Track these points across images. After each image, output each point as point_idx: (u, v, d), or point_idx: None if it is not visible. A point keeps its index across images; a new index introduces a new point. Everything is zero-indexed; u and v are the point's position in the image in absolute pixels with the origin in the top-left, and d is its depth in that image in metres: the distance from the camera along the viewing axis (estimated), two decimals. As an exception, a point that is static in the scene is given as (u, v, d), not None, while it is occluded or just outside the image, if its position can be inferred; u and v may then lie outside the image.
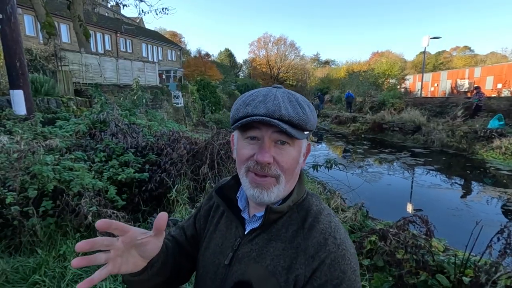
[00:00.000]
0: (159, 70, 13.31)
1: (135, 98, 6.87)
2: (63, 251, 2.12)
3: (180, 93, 12.73)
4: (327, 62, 63.05)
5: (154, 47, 27.84)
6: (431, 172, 7.92)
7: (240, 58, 78.43)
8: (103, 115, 4.27)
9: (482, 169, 8.06)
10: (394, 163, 8.96)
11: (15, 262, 2.42)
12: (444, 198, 5.91)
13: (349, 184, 4.55)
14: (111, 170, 3.17)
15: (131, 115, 5.52)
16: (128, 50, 24.37)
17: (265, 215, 0.64)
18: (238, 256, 0.68)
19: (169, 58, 30.40)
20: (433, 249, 2.03)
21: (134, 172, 3.18)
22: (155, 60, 25.32)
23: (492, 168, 8.05)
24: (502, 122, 10.07)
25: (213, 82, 21.45)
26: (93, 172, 2.98)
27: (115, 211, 2.27)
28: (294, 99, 0.63)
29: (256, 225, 0.68)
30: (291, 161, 0.63)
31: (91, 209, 2.23)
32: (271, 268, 0.61)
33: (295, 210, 0.67)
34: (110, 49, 21.18)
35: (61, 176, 2.57)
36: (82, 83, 8.63)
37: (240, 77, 48.40)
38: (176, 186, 3.08)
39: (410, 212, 5.33)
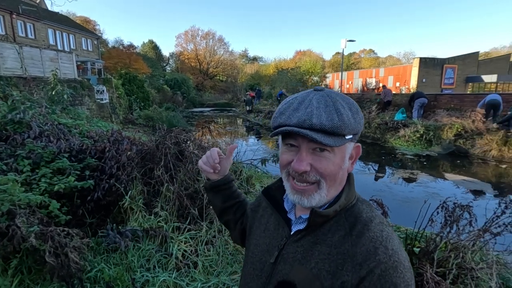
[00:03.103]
0: (76, 61, 11.54)
1: (53, 93, 5.83)
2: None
3: (104, 88, 11.34)
4: (255, 59, 64.97)
5: (65, 34, 23.95)
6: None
7: (166, 51, 74.19)
8: (19, 114, 3.52)
9: (393, 155, 9.55)
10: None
11: None
12: (370, 182, 6.82)
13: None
14: (43, 180, 2.66)
15: (52, 114, 4.72)
16: (30, 36, 20.42)
17: (309, 218, 0.65)
18: (283, 255, 0.69)
19: (84, 48, 26.67)
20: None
21: (74, 180, 2.74)
22: (66, 49, 22.02)
23: (400, 153, 9.62)
24: (404, 115, 12.07)
25: (140, 76, 19.81)
26: (19, 185, 2.45)
27: (66, 229, 1.92)
28: (331, 103, 0.61)
29: (301, 226, 0.70)
30: (331, 167, 0.62)
31: (31, 229, 1.84)
32: (315, 271, 0.62)
33: (342, 215, 0.66)
34: (3, 33, 17.40)
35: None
36: (-27, 74, 6.89)
37: (167, 71, 45.89)
38: (130, 192, 2.78)
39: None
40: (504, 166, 7.89)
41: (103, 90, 11.16)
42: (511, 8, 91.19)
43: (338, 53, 56.95)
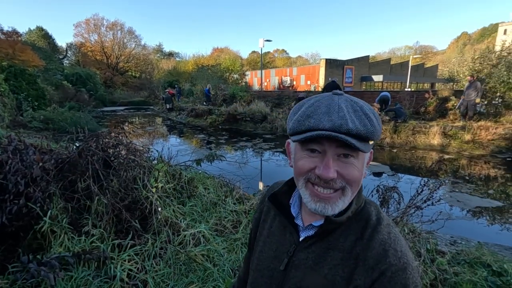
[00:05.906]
0: None
1: None
2: None
3: (-20, 84, 8.90)
4: (171, 54, 61.93)
5: None
6: (281, 154, 9.59)
7: (62, 41, 63.49)
8: None
9: (312, 147, 10.52)
10: (249, 149, 10.16)
11: None
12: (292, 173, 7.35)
13: (239, 173, 4.84)
14: None
15: None
16: None
17: (323, 225, 0.65)
18: (293, 262, 0.68)
19: None
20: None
21: (-38, 206, 2.08)
22: None
23: (318, 145, 10.67)
24: (318, 110, 13.47)
25: (30, 70, 16.43)
26: None
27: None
28: (359, 109, 0.61)
29: (311, 232, 0.69)
30: (357, 173, 0.62)
31: None
32: (330, 278, 0.62)
33: (353, 219, 0.66)
34: None
35: None
36: None
37: (65, 64, 39.43)
38: (49, 212, 2.27)
39: (261, 189, 6.25)
40: (395, 150, 9.63)
41: (-21, 87, 8.75)
42: (387, 21, 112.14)
43: (254, 51, 59.34)
